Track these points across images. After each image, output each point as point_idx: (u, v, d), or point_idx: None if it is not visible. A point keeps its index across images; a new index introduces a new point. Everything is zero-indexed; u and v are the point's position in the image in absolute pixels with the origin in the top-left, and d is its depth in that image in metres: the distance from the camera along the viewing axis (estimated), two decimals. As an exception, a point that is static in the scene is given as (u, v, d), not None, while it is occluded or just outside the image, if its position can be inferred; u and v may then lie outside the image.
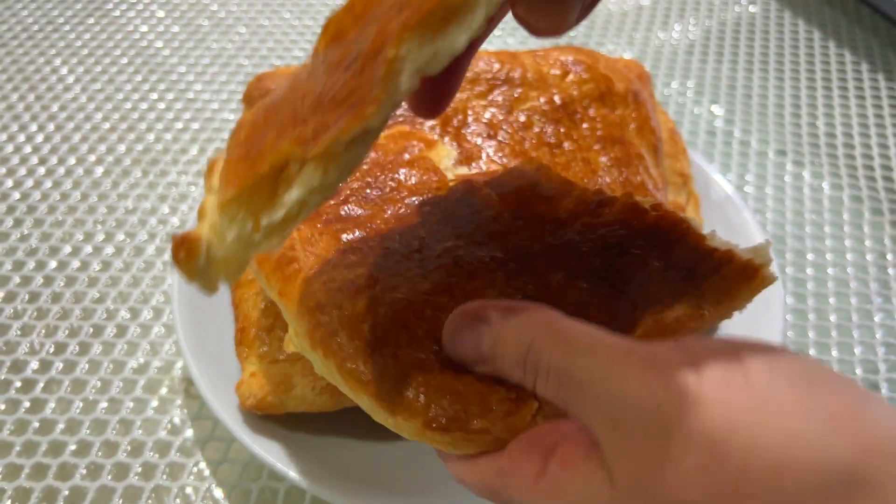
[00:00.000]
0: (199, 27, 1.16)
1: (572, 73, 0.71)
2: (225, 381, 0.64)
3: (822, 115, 1.03)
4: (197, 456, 0.66)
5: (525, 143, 0.65)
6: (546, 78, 0.70)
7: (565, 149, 0.71)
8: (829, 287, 0.81)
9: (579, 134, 0.71)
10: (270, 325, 0.64)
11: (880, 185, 0.93)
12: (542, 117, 0.67)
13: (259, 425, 0.61)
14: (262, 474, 0.65)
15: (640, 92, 0.73)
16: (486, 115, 0.66)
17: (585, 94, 0.70)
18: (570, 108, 0.69)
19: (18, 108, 1.01)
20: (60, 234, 0.85)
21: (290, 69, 0.81)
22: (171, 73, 1.08)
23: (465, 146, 0.63)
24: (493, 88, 0.69)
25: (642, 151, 0.71)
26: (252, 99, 0.78)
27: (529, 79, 0.70)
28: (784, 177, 0.94)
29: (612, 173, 0.69)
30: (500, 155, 0.63)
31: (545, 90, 0.69)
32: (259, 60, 1.11)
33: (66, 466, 0.65)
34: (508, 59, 0.71)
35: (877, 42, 1.14)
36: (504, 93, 0.68)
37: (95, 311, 0.77)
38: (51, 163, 0.94)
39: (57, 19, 1.17)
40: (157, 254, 0.83)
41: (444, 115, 0.65)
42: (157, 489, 0.64)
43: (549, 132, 0.67)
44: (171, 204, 0.89)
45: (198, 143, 0.97)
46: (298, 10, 1.21)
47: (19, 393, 0.70)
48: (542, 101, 0.68)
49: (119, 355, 0.73)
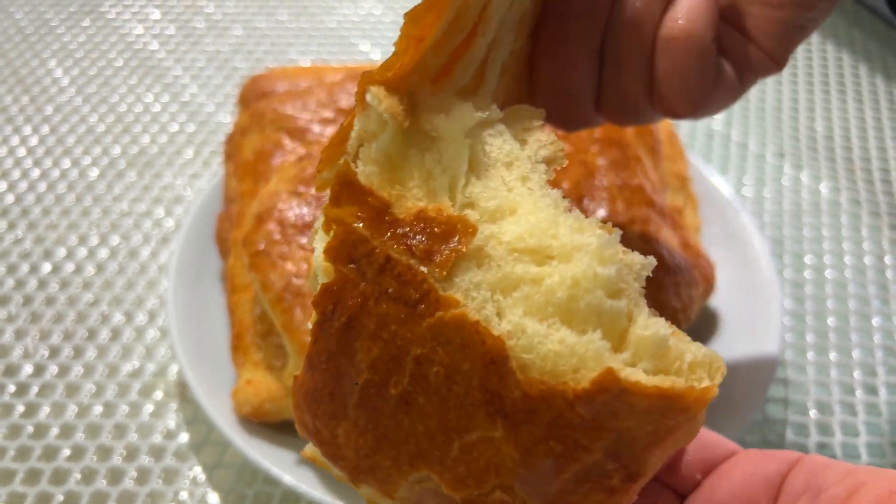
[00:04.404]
0: (194, 29, 1.16)
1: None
2: (220, 384, 0.63)
3: (820, 117, 1.03)
4: (192, 460, 0.66)
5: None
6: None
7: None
8: (828, 290, 0.81)
9: (577, 136, 0.70)
10: (266, 331, 0.63)
11: (878, 188, 0.92)
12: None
13: (254, 430, 0.60)
14: (257, 479, 0.65)
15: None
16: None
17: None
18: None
19: (12, 110, 1.01)
20: (55, 236, 0.85)
21: (287, 71, 0.80)
22: (166, 75, 1.07)
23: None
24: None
25: (640, 153, 0.71)
26: (247, 101, 0.78)
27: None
28: (782, 179, 0.94)
29: (610, 175, 0.68)
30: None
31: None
32: (255, 62, 1.10)
33: (61, 471, 0.65)
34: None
35: (875, 44, 1.14)
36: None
37: (90, 314, 0.77)
38: (45, 165, 0.93)
39: (51, 21, 1.16)
40: (152, 257, 0.82)
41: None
42: (152, 494, 0.64)
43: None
44: (167, 206, 0.88)
45: (193, 145, 0.97)
46: (294, 11, 1.20)
47: (13, 397, 0.70)
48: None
49: (114, 359, 0.73)
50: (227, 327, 0.68)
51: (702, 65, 0.45)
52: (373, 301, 0.32)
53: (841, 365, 0.74)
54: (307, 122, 0.72)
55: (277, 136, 0.72)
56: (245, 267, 0.64)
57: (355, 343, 0.32)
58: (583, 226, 0.32)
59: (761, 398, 0.62)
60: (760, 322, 0.67)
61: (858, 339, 0.76)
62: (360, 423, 0.33)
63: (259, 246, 0.63)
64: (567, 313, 0.31)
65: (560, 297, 0.30)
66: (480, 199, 0.33)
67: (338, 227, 0.33)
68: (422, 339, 0.31)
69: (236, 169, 0.73)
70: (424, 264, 0.31)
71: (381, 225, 0.32)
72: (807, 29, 0.46)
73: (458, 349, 0.30)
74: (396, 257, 0.31)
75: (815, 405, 0.71)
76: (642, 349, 0.31)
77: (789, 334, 0.77)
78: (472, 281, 0.31)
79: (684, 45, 0.44)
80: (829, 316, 0.78)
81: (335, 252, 0.32)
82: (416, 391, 0.31)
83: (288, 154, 0.70)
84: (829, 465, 0.35)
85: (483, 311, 0.31)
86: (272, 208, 0.64)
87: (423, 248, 0.31)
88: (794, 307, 0.79)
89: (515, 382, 0.30)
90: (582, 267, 0.31)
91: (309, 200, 0.65)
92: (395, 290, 0.31)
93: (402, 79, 0.33)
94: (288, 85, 0.77)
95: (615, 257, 0.31)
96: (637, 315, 0.31)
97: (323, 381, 0.34)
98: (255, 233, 0.64)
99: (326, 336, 0.33)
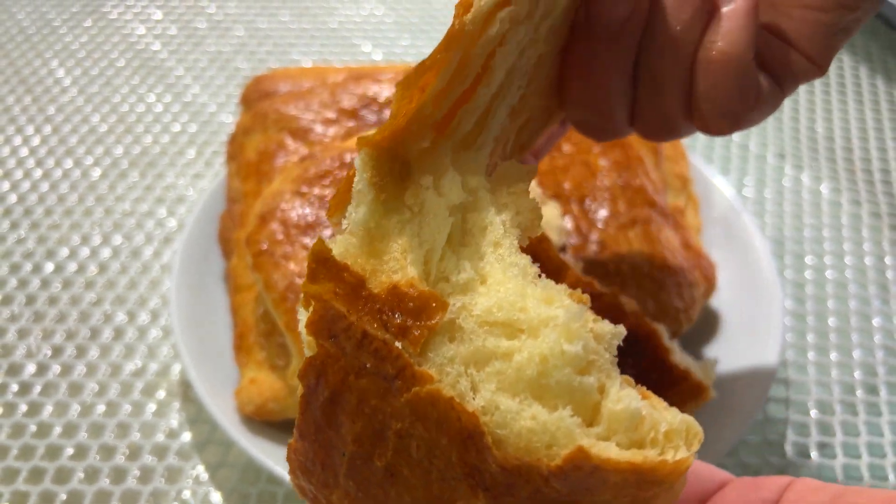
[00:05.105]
0: (196, 29, 1.16)
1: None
2: (223, 384, 0.63)
3: (820, 118, 1.03)
4: (195, 459, 0.66)
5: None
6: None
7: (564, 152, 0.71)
8: (828, 290, 0.81)
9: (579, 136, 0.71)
10: (269, 330, 0.63)
11: (879, 188, 0.93)
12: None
13: (257, 429, 0.61)
14: (261, 478, 0.65)
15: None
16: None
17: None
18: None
19: (15, 110, 1.01)
20: (57, 236, 0.85)
21: (289, 71, 0.80)
22: (169, 76, 1.08)
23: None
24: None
25: (642, 154, 0.71)
26: (250, 101, 0.78)
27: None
28: (783, 180, 0.94)
29: (612, 176, 0.69)
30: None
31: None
32: (257, 63, 1.10)
33: (64, 470, 0.65)
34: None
35: (875, 45, 1.15)
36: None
37: (93, 313, 0.77)
38: (47, 165, 0.93)
39: (53, 21, 1.16)
40: (155, 256, 0.83)
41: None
42: (155, 493, 0.64)
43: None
44: (169, 207, 0.88)
45: (195, 145, 0.97)
46: (296, 12, 1.20)
47: (16, 396, 0.70)
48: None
49: (117, 358, 0.73)
50: (230, 327, 0.69)
51: (743, 85, 0.44)
52: (353, 376, 0.32)
53: (842, 365, 0.75)
54: (310, 122, 0.72)
55: (280, 136, 0.72)
56: (248, 267, 0.65)
57: (340, 417, 0.33)
58: (551, 296, 0.32)
59: (762, 398, 0.62)
60: (761, 322, 0.68)
61: (859, 339, 0.77)
62: (351, 491, 0.34)
63: (262, 246, 0.63)
64: (538, 389, 0.31)
65: (530, 374, 0.31)
66: (452, 273, 0.34)
67: (316, 303, 0.33)
68: (401, 413, 0.32)
69: (239, 169, 0.73)
70: (399, 340, 0.32)
71: (356, 300, 0.33)
72: (850, 31, 0.44)
73: (435, 424, 0.31)
74: (372, 333, 0.32)
75: (816, 405, 0.72)
76: (615, 423, 0.31)
77: (790, 334, 0.77)
78: (445, 356, 0.32)
79: (725, 68, 0.43)
80: (830, 316, 0.79)
81: (315, 327, 0.33)
82: (400, 463, 0.32)
83: (291, 154, 0.71)
84: (820, 489, 0.35)
85: (457, 387, 0.31)
86: (275, 208, 0.64)
87: (397, 323, 0.32)
88: (794, 307, 0.79)
89: (492, 457, 0.30)
90: (549, 344, 0.31)
91: (312, 200, 0.65)
92: (372, 365, 0.32)
93: (395, 140, 0.34)
94: (290, 85, 0.77)
95: (582, 331, 0.31)
96: (609, 387, 0.32)
97: (314, 451, 0.34)
98: (259, 233, 0.64)
99: (313, 409, 0.34)
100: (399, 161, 0.35)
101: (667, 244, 0.66)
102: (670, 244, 0.66)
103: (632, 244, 0.65)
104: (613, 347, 0.33)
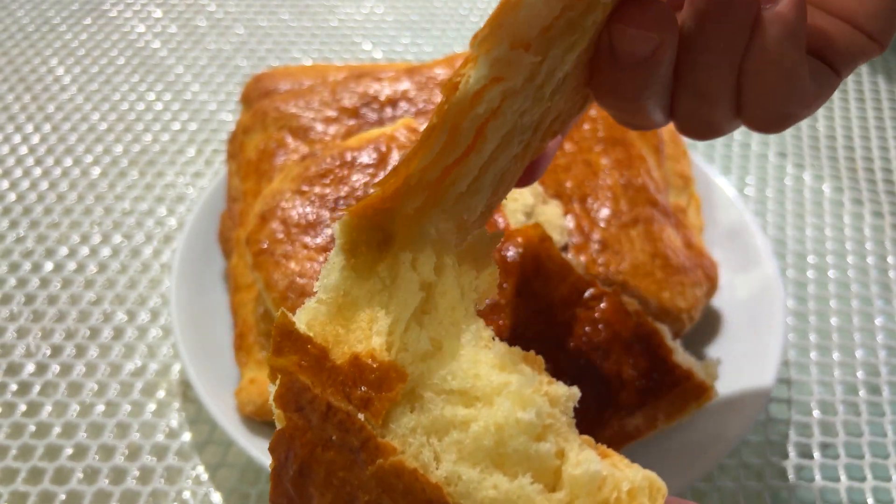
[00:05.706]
0: (196, 27, 1.16)
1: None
2: (223, 384, 0.63)
3: (822, 117, 1.02)
4: (195, 460, 0.66)
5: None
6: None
7: (566, 150, 0.70)
8: (830, 290, 0.81)
9: (580, 135, 0.70)
10: (269, 330, 0.63)
11: (881, 187, 0.92)
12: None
13: (257, 429, 0.60)
14: (261, 478, 0.65)
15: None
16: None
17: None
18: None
19: (14, 108, 1.01)
20: (57, 235, 0.84)
21: (289, 69, 0.80)
22: (169, 74, 1.07)
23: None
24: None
25: (644, 153, 0.71)
26: (250, 99, 0.77)
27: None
28: (785, 179, 0.94)
29: (614, 175, 0.68)
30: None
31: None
32: (257, 61, 1.10)
33: (63, 470, 0.65)
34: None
35: (876, 44, 1.14)
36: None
37: (92, 313, 0.77)
38: (47, 164, 0.93)
39: (53, 19, 1.16)
40: (155, 255, 0.82)
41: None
42: (154, 493, 0.63)
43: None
44: (169, 205, 0.88)
45: (195, 144, 0.96)
46: (296, 10, 1.20)
47: (15, 396, 0.70)
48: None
49: (116, 358, 0.73)
50: (230, 326, 0.68)
51: (797, 87, 0.40)
52: (320, 448, 0.33)
53: (844, 364, 0.74)
54: (310, 120, 0.72)
55: (280, 134, 0.71)
56: (248, 266, 0.64)
57: (310, 489, 0.33)
58: (504, 362, 0.33)
59: (764, 398, 0.62)
60: (763, 322, 0.67)
61: (861, 338, 0.76)
62: None
63: (262, 245, 0.63)
64: (497, 458, 0.31)
65: (487, 444, 0.31)
66: (411, 343, 0.34)
67: (282, 376, 0.34)
68: (367, 485, 0.32)
69: (239, 168, 0.73)
70: (362, 411, 0.32)
71: (321, 372, 0.33)
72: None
73: (401, 496, 0.31)
74: (336, 405, 0.32)
75: (819, 405, 0.71)
76: (576, 487, 0.31)
77: (792, 334, 0.76)
78: (407, 426, 0.32)
79: (776, 77, 0.39)
80: (832, 316, 0.78)
81: (283, 400, 0.33)
82: None
83: (291, 153, 0.70)
84: None
85: (420, 457, 0.32)
86: (275, 207, 0.64)
87: (359, 395, 0.32)
88: (796, 307, 0.79)
89: None
90: (503, 412, 0.31)
91: (312, 199, 0.64)
92: (338, 437, 0.32)
93: (377, 208, 0.34)
94: (291, 83, 0.77)
95: (536, 397, 0.31)
96: (568, 451, 0.32)
97: None
98: (259, 232, 0.64)
99: (284, 482, 0.34)
100: (380, 230, 0.35)
101: (669, 243, 0.66)
102: (672, 243, 0.66)
103: (634, 243, 0.65)
104: (570, 409, 0.33)
